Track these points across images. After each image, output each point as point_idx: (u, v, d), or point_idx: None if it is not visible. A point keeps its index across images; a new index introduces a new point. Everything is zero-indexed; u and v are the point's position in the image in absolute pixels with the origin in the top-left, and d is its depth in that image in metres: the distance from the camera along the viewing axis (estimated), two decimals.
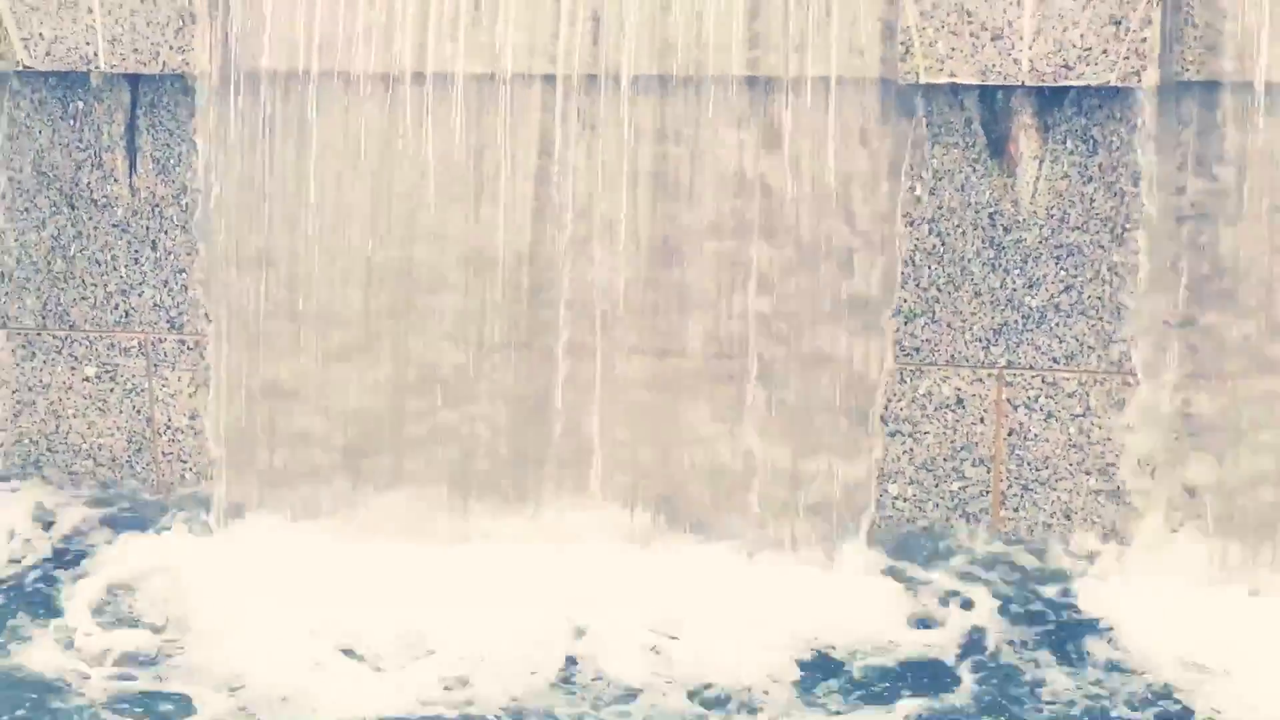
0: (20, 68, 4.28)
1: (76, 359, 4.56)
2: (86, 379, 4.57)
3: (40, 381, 4.59)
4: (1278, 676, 3.54)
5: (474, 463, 4.30)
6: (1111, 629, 3.84)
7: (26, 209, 4.50)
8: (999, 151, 4.08)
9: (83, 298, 4.52)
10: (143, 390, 4.55)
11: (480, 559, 4.09)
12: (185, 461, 4.56)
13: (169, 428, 4.55)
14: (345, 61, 4.17)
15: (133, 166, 4.46)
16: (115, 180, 4.46)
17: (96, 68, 4.26)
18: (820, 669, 3.65)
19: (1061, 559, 4.14)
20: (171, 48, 4.21)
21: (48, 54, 4.25)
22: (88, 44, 4.23)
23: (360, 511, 4.32)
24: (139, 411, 4.57)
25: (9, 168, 4.49)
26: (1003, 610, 3.91)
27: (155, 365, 4.53)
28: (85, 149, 4.45)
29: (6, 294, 4.56)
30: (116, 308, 4.51)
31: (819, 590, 3.99)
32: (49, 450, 4.64)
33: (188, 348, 4.49)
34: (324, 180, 4.25)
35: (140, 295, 4.49)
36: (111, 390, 4.56)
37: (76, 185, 4.47)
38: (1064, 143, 4.04)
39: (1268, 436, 3.99)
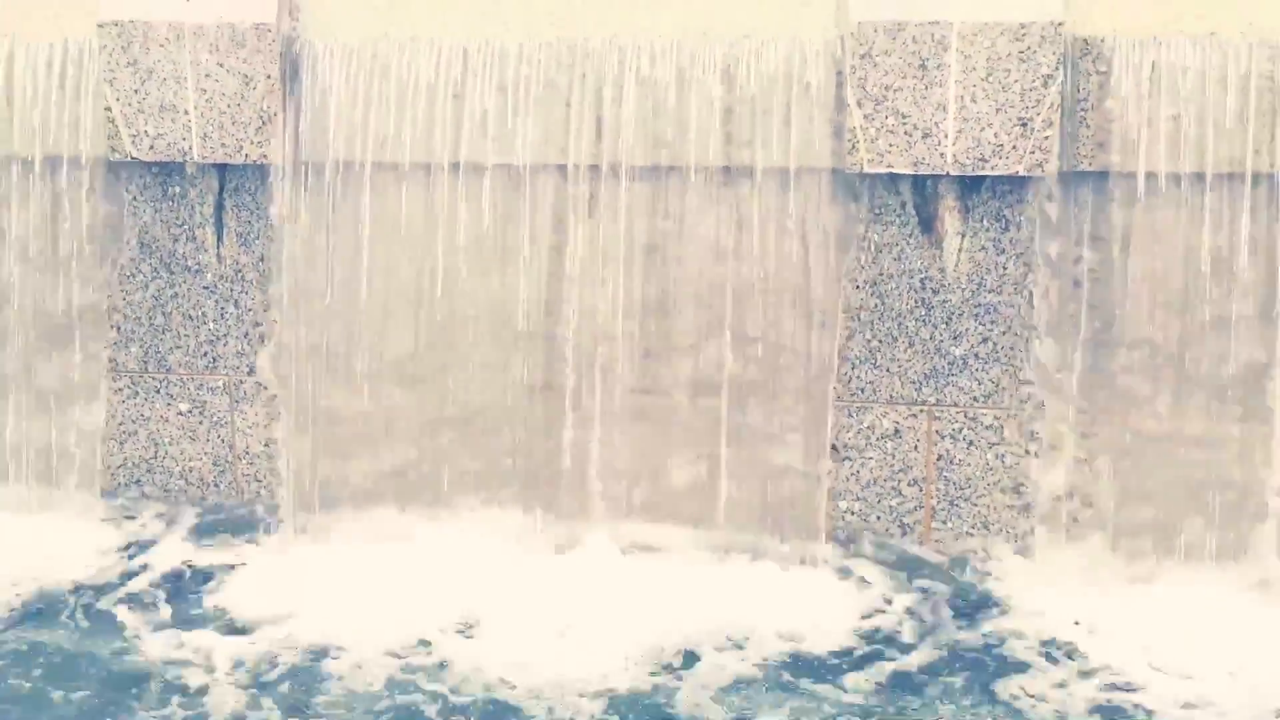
0: (129, 159, 4.52)
1: (172, 397, 4.78)
2: (180, 413, 4.79)
3: (142, 415, 4.80)
4: (1149, 646, 3.90)
5: (499, 480, 4.55)
6: (1021, 615, 4.14)
7: (132, 274, 4.71)
8: (928, 228, 4.37)
9: (178, 346, 4.74)
10: (226, 423, 4.76)
11: (506, 557, 4.39)
12: (260, 481, 4.77)
13: (248, 453, 4.77)
14: (394, 154, 4.44)
15: (220, 239, 4.67)
16: (205, 251, 4.67)
17: (191, 159, 4.50)
18: (784, 650, 3.94)
19: (980, 561, 4.42)
20: (253, 142, 4.46)
21: (151, 148, 4.49)
22: (184, 140, 4.48)
23: (405, 519, 4.55)
24: (223, 440, 4.78)
25: (122, 241, 4.71)
26: (934, 602, 4.22)
27: (236, 402, 4.75)
28: (181, 225, 4.67)
29: (116, 344, 4.76)
30: (205, 355, 4.73)
31: (781, 587, 4.28)
32: (149, 471, 4.84)
33: (264, 388, 4.72)
34: (376, 251, 4.51)
35: (225, 345, 4.71)
36: (201, 423, 4.78)
37: (174, 255, 4.69)
38: (982, 221, 4.33)
39: (1149, 461, 4.31)
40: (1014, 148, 4.15)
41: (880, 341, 4.44)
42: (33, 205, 4.66)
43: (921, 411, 4.45)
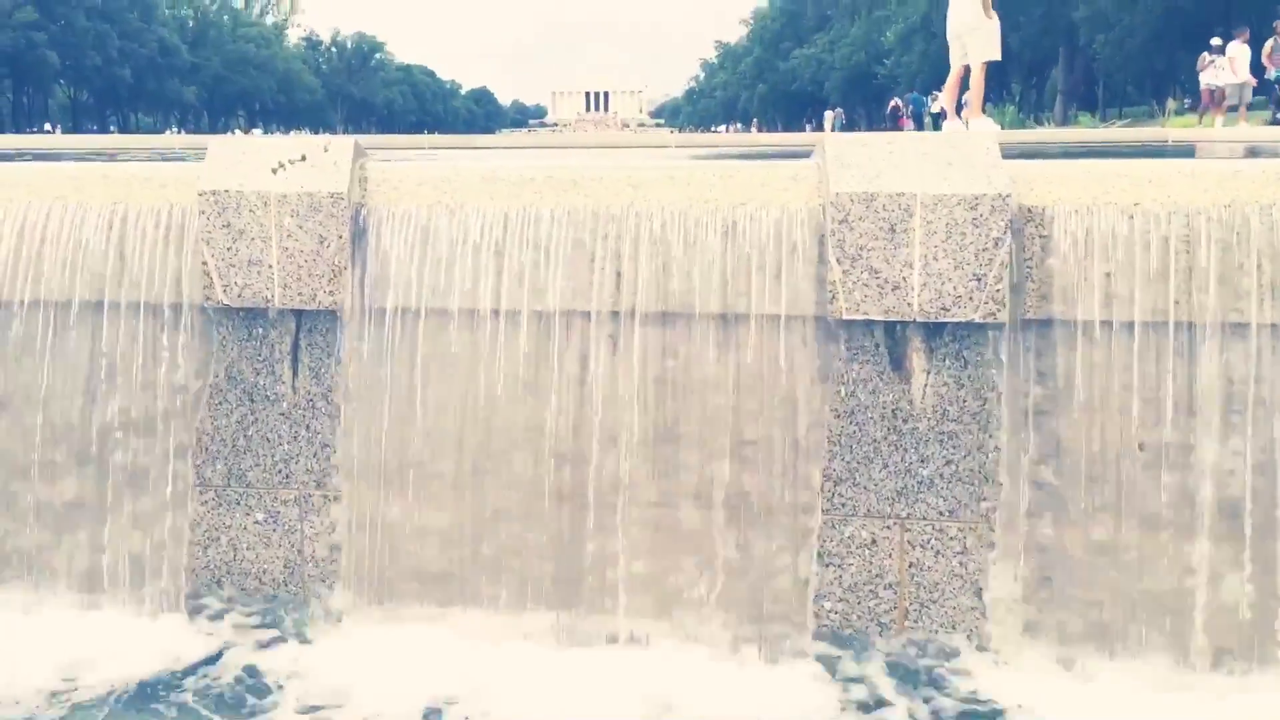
0: (220, 305, 4.79)
1: (250, 508, 4.94)
2: (257, 522, 4.94)
3: (224, 523, 4.96)
4: None
5: (529, 580, 4.69)
6: (983, 707, 4.29)
7: (220, 403, 4.92)
8: (898, 366, 4.58)
9: (256, 464, 4.93)
10: (296, 531, 4.92)
11: (533, 652, 4.55)
12: (325, 582, 4.90)
13: (314, 558, 4.91)
14: (444, 301, 4.68)
15: (295, 373, 4.87)
16: (283, 383, 4.88)
17: (273, 305, 4.76)
18: None
19: (948, 658, 4.54)
20: (325, 291, 4.72)
21: (239, 295, 4.76)
22: (267, 289, 4.74)
23: (448, 616, 4.70)
24: (293, 546, 4.93)
25: (211, 374, 4.92)
26: (905, 693, 4.37)
27: (305, 513, 4.90)
28: (263, 361, 4.88)
29: (203, 462, 4.94)
30: (280, 472, 4.92)
31: (775, 678, 4.45)
32: (228, 573, 4.98)
33: (329, 500, 4.89)
34: (428, 384, 4.73)
35: (297, 463, 4.90)
36: (274, 530, 4.94)
37: (255, 386, 4.89)
38: (944, 361, 4.54)
39: (1093, 568, 4.47)
40: (970, 299, 4.38)
41: (858, 463, 4.62)
42: (137, 344, 4.88)
43: (895, 524, 4.61)
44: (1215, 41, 27.87)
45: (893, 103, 46.41)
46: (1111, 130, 25.18)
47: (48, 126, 70.90)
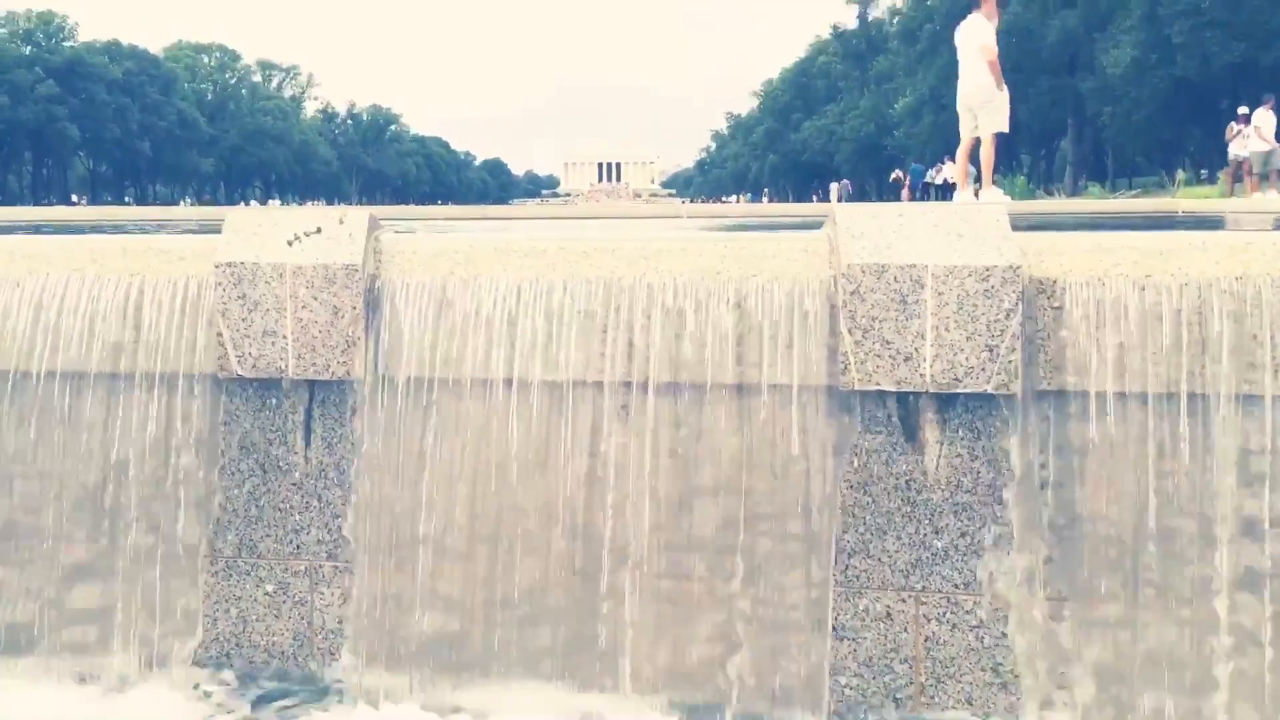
0: (235, 376, 4.80)
1: (261, 579, 4.92)
2: (267, 593, 4.91)
3: (234, 595, 4.93)
4: None
5: (540, 651, 4.66)
6: None
7: (233, 473, 4.91)
8: (912, 437, 4.56)
9: (268, 535, 4.91)
10: (306, 602, 4.89)
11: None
12: (334, 654, 4.85)
13: (324, 629, 4.87)
14: (457, 372, 4.69)
15: (308, 443, 4.87)
16: (295, 453, 4.88)
17: (287, 376, 4.77)
18: None
19: None
20: (339, 362, 4.73)
21: (254, 366, 4.77)
22: (281, 360, 4.75)
23: (458, 689, 4.65)
24: (303, 618, 4.89)
25: (224, 444, 4.92)
26: None
27: (316, 584, 4.87)
28: (276, 431, 4.89)
29: (215, 532, 4.93)
30: (291, 542, 4.89)
31: None
32: (237, 645, 4.93)
33: (340, 571, 4.86)
34: (440, 454, 4.72)
35: (308, 534, 4.88)
36: (284, 602, 4.90)
37: (268, 456, 4.90)
38: (957, 432, 4.53)
39: (1111, 642, 4.42)
40: (983, 370, 4.37)
41: (872, 534, 4.59)
42: (152, 414, 4.90)
43: (910, 597, 4.55)
44: (1243, 110, 27.37)
45: (894, 174, 46.91)
46: (1121, 201, 25.21)
47: (74, 198, 72.35)
